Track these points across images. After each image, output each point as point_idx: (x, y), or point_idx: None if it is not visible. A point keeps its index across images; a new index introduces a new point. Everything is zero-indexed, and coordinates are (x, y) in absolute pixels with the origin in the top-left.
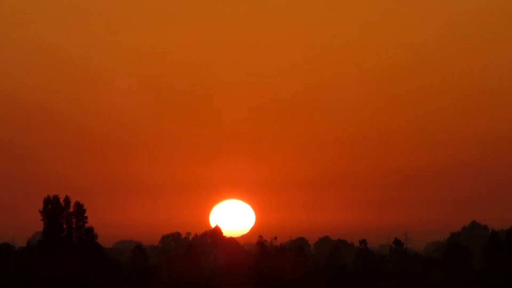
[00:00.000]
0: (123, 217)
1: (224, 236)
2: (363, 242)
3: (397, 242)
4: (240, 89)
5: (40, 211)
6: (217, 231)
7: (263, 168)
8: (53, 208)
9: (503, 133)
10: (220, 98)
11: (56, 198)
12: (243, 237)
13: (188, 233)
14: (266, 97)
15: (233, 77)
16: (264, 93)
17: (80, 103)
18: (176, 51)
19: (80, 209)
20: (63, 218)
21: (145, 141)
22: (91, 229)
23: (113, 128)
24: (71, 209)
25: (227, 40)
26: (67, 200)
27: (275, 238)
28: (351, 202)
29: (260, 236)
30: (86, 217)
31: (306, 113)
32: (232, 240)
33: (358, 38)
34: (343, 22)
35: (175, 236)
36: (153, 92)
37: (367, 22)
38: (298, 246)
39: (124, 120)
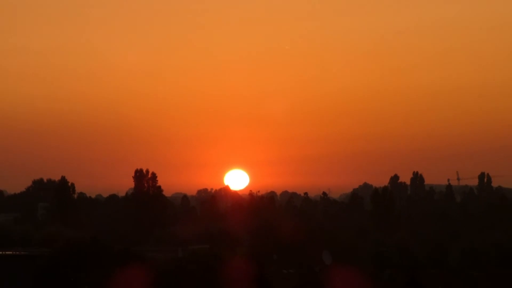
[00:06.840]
0: (177, 180)
1: (231, 190)
2: (306, 194)
3: (324, 193)
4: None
5: (132, 176)
6: (227, 188)
7: (256, 151)
8: (140, 175)
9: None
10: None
11: (141, 169)
12: (241, 191)
13: (212, 189)
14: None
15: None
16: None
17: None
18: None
19: (154, 176)
20: (145, 181)
21: (185, 134)
22: (160, 187)
23: (173, 124)
24: (149, 176)
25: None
26: (147, 171)
27: (258, 191)
28: (300, 171)
29: (251, 191)
30: (157, 180)
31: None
32: (235, 193)
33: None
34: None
35: (205, 191)
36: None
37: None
38: (271, 196)
39: (178, 116)
